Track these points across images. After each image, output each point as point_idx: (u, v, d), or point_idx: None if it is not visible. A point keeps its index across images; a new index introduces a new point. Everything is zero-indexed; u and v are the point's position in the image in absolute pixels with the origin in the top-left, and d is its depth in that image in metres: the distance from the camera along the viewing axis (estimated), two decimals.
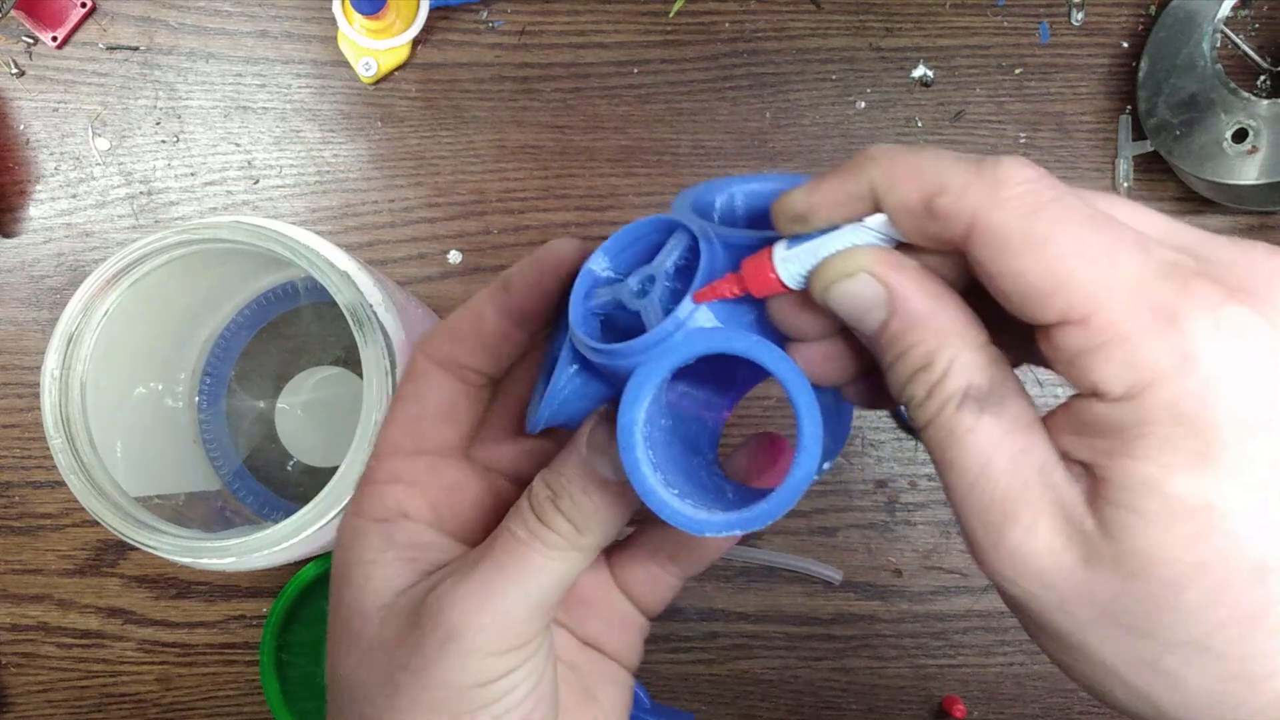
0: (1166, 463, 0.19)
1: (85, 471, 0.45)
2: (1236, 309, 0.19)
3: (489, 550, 0.25)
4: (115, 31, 0.60)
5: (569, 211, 0.59)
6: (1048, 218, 0.20)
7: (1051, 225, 0.20)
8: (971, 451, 0.22)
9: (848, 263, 0.23)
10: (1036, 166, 0.21)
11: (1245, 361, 0.19)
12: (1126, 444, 0.20)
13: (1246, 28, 0.58)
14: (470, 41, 0.60)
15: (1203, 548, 0.19)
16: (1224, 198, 0.55)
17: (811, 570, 0.58)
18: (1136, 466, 0.19)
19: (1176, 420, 0.19)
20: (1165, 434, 0.19)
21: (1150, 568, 0.19)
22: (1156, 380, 0.19)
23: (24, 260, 0.60)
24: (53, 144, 0.61)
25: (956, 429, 0.22)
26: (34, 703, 0.60)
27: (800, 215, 0.23)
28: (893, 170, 0.22)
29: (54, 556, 0.60)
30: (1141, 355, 0.19)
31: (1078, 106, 0.59)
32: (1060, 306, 0.20)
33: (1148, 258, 0.20)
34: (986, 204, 0.21)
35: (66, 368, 0.45)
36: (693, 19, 0.60)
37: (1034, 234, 0.20)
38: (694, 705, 0.59)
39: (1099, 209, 0.21)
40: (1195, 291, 0.19)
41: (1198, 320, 0.19)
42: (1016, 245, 0.20)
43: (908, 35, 0.59)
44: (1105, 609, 0.20)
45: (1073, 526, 0.20)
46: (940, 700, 0.58)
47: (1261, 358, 0.19)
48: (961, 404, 0.22)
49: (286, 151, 0.60)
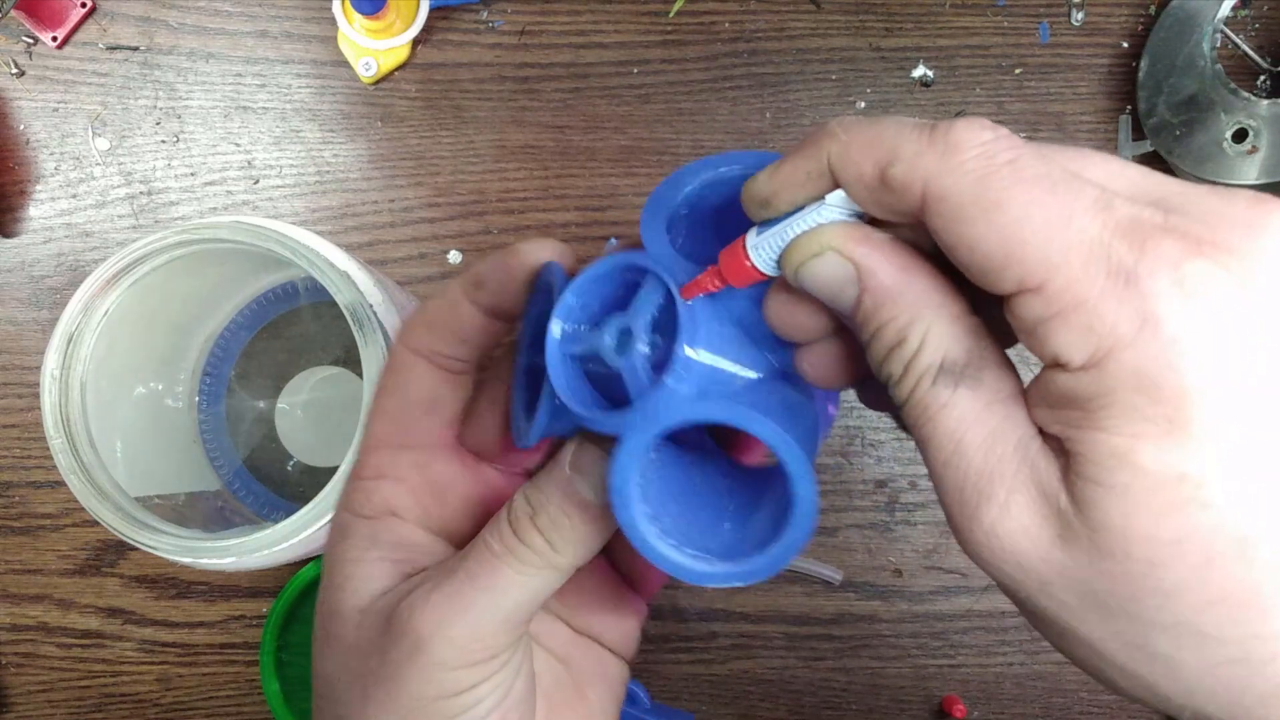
0: (1135, 433, 0.18)
1: (85, 471, 0.45)
2: (1201, 264, 0.18)
3: (463, 561, 0.25)
4: (115, 31, 0.60)
5: (569, 211, 0.59)
6: (1001, 182, 0.19)
7: (1004, 189, 0.19)
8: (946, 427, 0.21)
9: (813, 242, 0.22)
10: (996, 127, 0.20)
11: (1210, 320, 0.18)
12: (1092, 415, 0.19)
13: (1246, 28, 0.58)
14: (470, 41, 0.60)
15: (1179, 522, 0.18)
16: None
17: (811, 570, 0.58)
18: (1104, 438, 0.18)
19: (1141, 387, 0.18)
20: (1131, 402, 0.18)
21: (1126, 546, 0.18)
22: (1117, 346, 0.18)
23: (24, 260, 0.60)
24: (53, 144, 0.61)
25: (931, 404, 0.21)
26: (34, 703, 0.60)
27: (765, 200, 0.23)
28: (848, 143, 0.21)
29: (54, 556, 0.60)
30: (1100, 320, 0.18)
31: (1078, 106, 0.59)
32: (1016, 274, 0.19)
33: (1107, 217, 0.19)
34: (938, 171, 0.20)
35: (66, 368, 0.45)
36: (693, 19, 0.60)
37: (986, 199, 0.19)
38: (694, 705, 0.59)
39: (1063, 166, 0.20)
40: (1156, 249, 0.18)
41: (1157, 279, 0.18)
42: (969, 212, 0.19)
43: (908, 35, 0.59)
44: (1086, 590, 0.19)
45: (1049, 504, 0.20)
46: (940, 700, 0.58)
47: (1228, 315, 0.18)
48: (937, 378, 0.21)
49: (286, 151, 0.60)
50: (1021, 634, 0.58)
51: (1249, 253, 0.18)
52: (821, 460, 0.58)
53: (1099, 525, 0.19)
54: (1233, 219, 0.19)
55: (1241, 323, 0.18)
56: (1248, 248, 0.18)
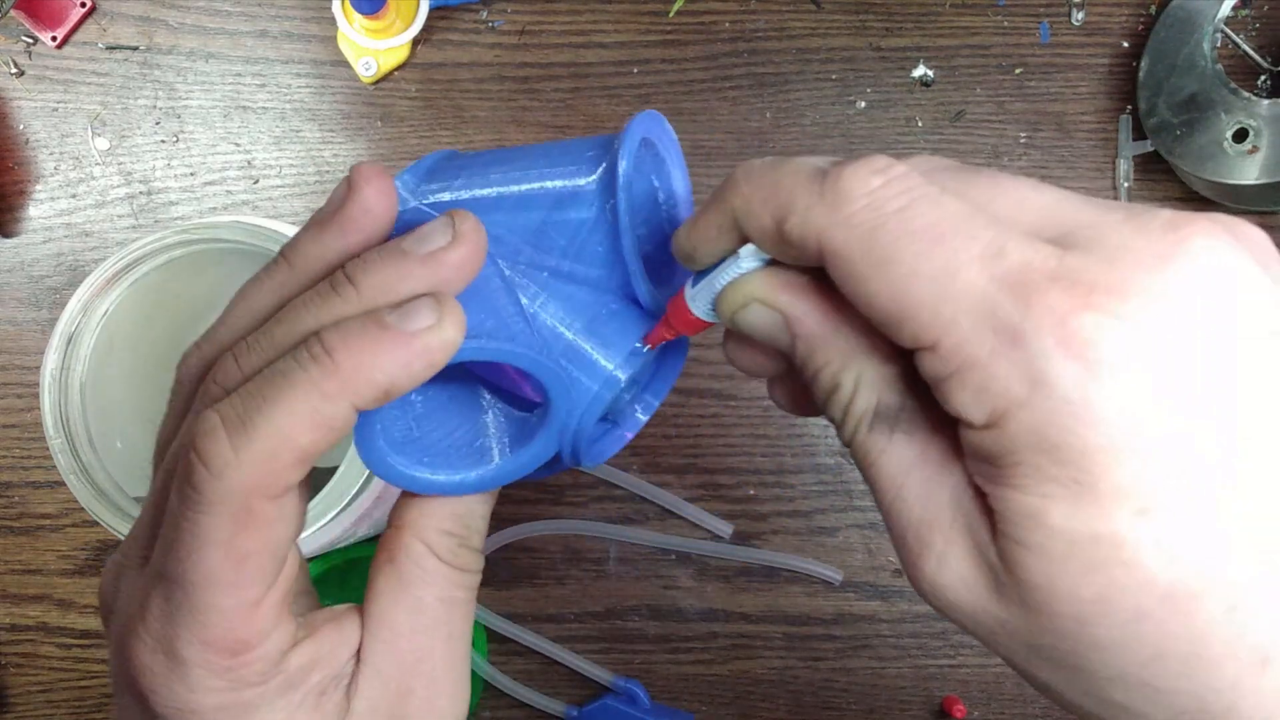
0: (1044, 493, 0.17)
1: (85, 472, 0.45)
2: (1089, 318, 0.17)
3: (443, 635, 0.25)
4: (115, 31, 0.60)
5: None
6: (888, 235, 0.18)
7: (892, 244, 0.18)
8: (886, 472, 0.21)
9: (738, 294, 0.22)
10: (889, 167, 0.19)
11: (1102, 378, 0.17)
12: (1004, 473, 0.18)
13: (1247, 27, 0.58)
14: (470, 41, 0.60)
15: (1099, 581, 0.17)
16: (1224, 197, 0.55)
17: (811, 570, 0.58)
18: (1017, 497, 0.18)
19: (1042, 449, 0.17)
20: (1035, 463, 0.17)
21: (1053, 604, 0.18)
22: (1012, 407, 0.17)
23: (23, 260, 0.60)
24: (52, 144, 0.60)
25: (871, 450, 0.21)
26: (34, 703, 0.60)
27: (688, 254, 0.23)
28: (748, 197, 0.21)
29: (53, 556, 0.60)
30: (992, 381, 0.17)
31: (1078, 106, 0.59)
32: (911, 331, 0.18)
33: (996, 267, 0.18)
34: (828, 225, 0.19)
35: (66, 368, 0.45)
36: (693, 19, 0.60)
37: (874, 255, 0.18)
38: (694, 705, 0.59)
39: (960, 207, 0.18)
40: (1042, 303, 0.17)
41: (1043, 338, 0.17)
42: (860, 269, 0.19)
43: (908, 35, 0.59)
44: (1030, 643, 0.19)
45: (983, 558, 0.19)
46: (940, 700, 0.58)
47: (1121, 370, 0.17)
48: (873, 425, 0.21)
49: (286, 151, 0.60)
50: None
51: (1150, 292, 0.17)
52: (821, 460, 0.58)
53: (1024, 583, 0.18)
54: (1138, 253, 0.17)
55: (1137, 376, 0.17)
56: (1149, 286, 0.17)
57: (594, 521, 0.58)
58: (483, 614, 0.58)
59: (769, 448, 0.59)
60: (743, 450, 0.59)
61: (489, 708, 0.59)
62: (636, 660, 0.59)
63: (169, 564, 0.21)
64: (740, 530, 0.58)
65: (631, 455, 0.58)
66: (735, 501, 0.58)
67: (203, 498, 0.20)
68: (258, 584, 0.21)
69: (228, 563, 0.21)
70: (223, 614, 0.21)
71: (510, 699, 0.58)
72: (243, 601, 0.21)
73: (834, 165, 0.19)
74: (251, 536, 0.21)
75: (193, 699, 0.21)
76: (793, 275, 0.21)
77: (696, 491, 0.58)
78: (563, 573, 0.59)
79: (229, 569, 0.21)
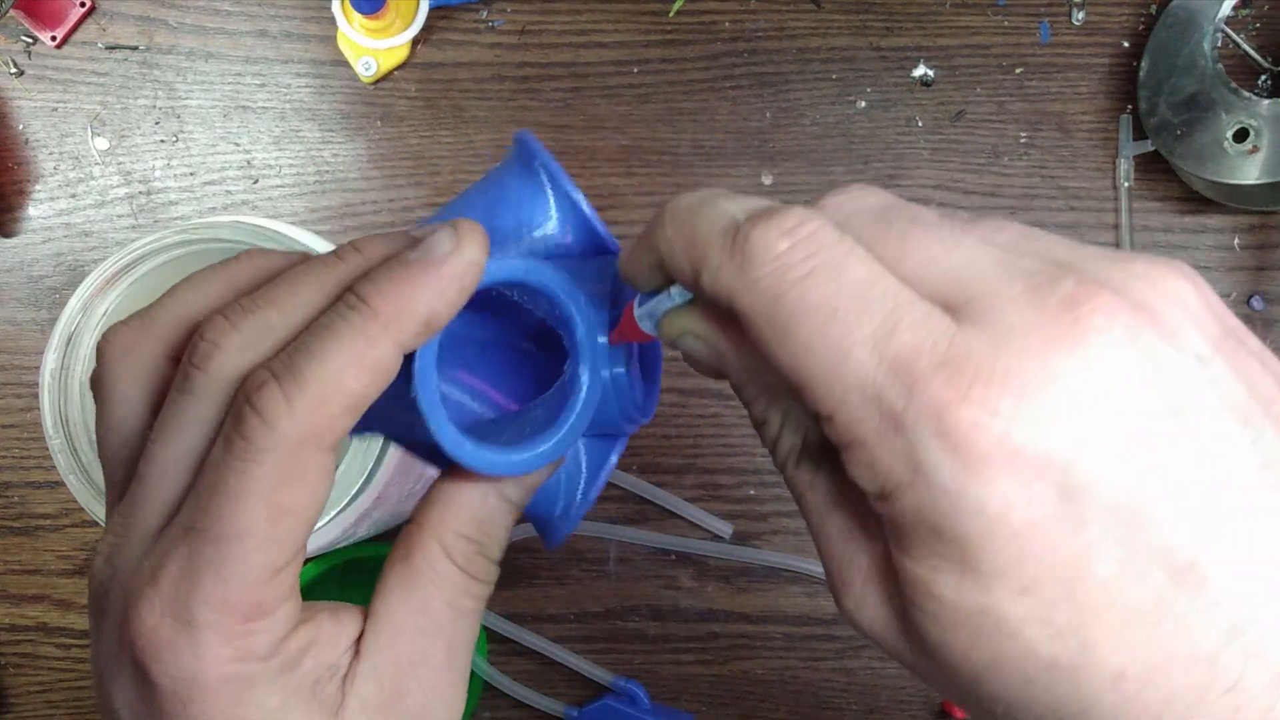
0: (933, 565, 0.18)
1: (84, 472, 0.45)
2: (967, 413, 0.17)
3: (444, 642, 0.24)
4: (114, 31, 0.60)
5: None
6: (788, 306, 0.18)
7: (791, 316, 0.18)
8: (810, 509, 0.22)
9: (674, 325, 0.23)
10: (798, 227, 0.19)
11: (978, 471, 0.17)
12: (898, 539, 0.19)
13: (1247, 27, 0.58)
14: (470, 41, 0.60)
15: (988, 648, 0.18)
16: (1225, 197, 0.55)
17: (811, 570, 0.58)
18: (909, 565, 0.19)
19: (927, 527, 0.18)
20: (922, 537, 0.18)
21: (949, 660, 0.19)
22: (897, 488, 0.18)
23: (23, 260, 0.60)
24: (52, 144, 0.60)
25: (798, 484, 0.22)
26: (33, 703, 0.60)
27: (629, 279, 0.23)
28: (671, 241, 0.21)
29: (53, 557, 0.60)
30: (877, 463, 0.18)
31: (1078, 106, 0.59)
32: (809, 400, 0.19)
33: (885, 348, 0.18)
34: (735, 286, 0.19)
35: (66, 368, 0.45)
36: (693, 19, 0.60)
37: (775, 324, 0.19)
38: (694, 705, 0.59)
39: (862, 274, 0.18)
40: (924, 393, 0.17)
41: (922, 430, 0.17)
42: (763, 333, 0.19)
43: (908, 35, 0.59)
44: (937, 680, 0.20)
45: (893, 606, 0.20)
46: (941, 700, 0.58)
47: (997, 463, 0.17)
48: (799, 462, 0.22)
49: (286, 151, 0.60)
50: None
51: (1032, 384, 0.17)
52: None
53: (922, 640, 0.19)
54: (1029, 336, 0.17)
55: (1013, 469, 0.17)
56: (1032, 377, 0.17)
57: (594, 521, 0.58)
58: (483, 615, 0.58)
59: None
60: (743, 450, 0.59)
61: (489, 708, 0.59)
62: (636, 660, 0.59)
63: (201, 518, 0.21)
64: (740, 530, 0.58)
65: (631, 455, 0.58)
66: (735, 501, 0.58)
67: (253, 446, 0.20)
68: (288, 545, 0.21)
69: (267, 516, 0.21)
70: (249, 572, 0.21)
71: (510, 699, 0.58)
72: (270, 562, 0.21)
73: (748, 219, 0.19)
74: (295, 490, 0.21)
75: (198, 667, 0.21)
76: (722, 311, 0.21)
77: (696, 491, 0.58)
78: (563, 573, 0.59)
79: (267, 523, 0.21)
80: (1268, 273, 0.58)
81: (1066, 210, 0.58)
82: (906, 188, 0.59)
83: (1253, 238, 0.58)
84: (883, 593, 0.20)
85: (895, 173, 0.59)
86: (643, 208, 0.59)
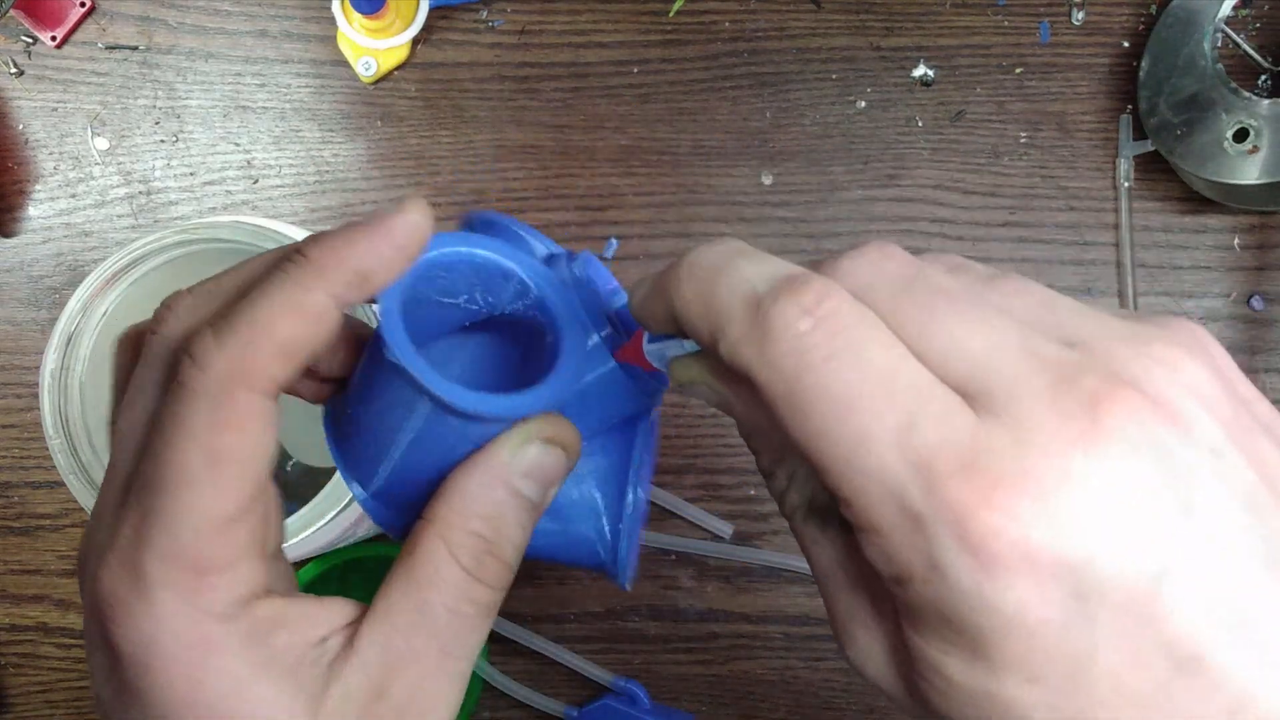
0: (944, 649, 0.19)
1: (84, 472, 0.45)
2: (986, 518, 0.17)
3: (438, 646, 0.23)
4: (114, 31, 0.60)
5: (569, 211, 0.59)
6: (808, 389, 0.18)
7: (812, 400, 0.18)
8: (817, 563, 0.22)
9: (685, 370, 0.23)
10: (820, 303, 0.19)
11: (995, 574, 0.17)
12: (910, 618, 0.19)
13: (1247, 27, 0.58)
14: (470, 41, 0.60)
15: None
16: (1225, 197, 0.55)
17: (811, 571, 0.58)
18: (919, 643, 0.19)
19: (940, 617, 0.18)
20: (934, 623, 0.19)
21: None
22: (913, 579, 0.18)
23: (23, 260, 0.60)
24: (52, 144, 0.60)
25: (804, 538, 0.22)
26: (33, 703, 0.60)
27: (639, 320, 0.23)
28: (687, 303, 0.21)
29: (53, 557, 0.60)
30: (894, 554, 0.18)
31: (1078, 106, 0.59)
32: (825, 480, 0.19)
33: (906, 446, 0.18)
34: (756, 361, 0.19)
35: (66, 368, 0.45)
36: (693, 18, 0.60)
37: (794, 403, 0.19)
38: (694, 706, 0.59)
39: (885, 359, 0.18)
40: (944, 495, 0.17)
41: (941, 532, 0.17)
42: (781, 410, 0.19)
43: (908, 34, 0.59)
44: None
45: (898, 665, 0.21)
46: None
47: (1015, 567, 0.17)
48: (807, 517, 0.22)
49: (286, 151, 0.60)
50: None
51: (1053, 486, 0.17)
52: None
53: (927, 705, 0.20)
54: (1050, 436, 0.17)
55: (1031, 572, 0.17)
56: (1054, 479, 0.17)
57: None
58: None
59: None
60: (743, 450, 0.59)
61: (489, 708, 0.59)
62: (636, 660, 0.59)
63: (146, 466, 0.21)
64: (740, 530, 0.58)
65: None
66: (735, 501, 0.58)
67: (186, 389, 0.21)
68: (232, 495, 0.21)
69: (205, 461, 0.21)
70: (193, 520, 0.21)
71: (510, 699, 0.58)
72: (213, 510, 0.21)
73: (769, 292, 0.19)
74: (230, 434, 0.21)
75: (155, 628, 0.21)
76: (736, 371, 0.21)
77: (696, 492, 0.58)
78: (563, 573, 0.59)
79: (205, 468, 0.21)
80: (1268, 273, 0.58)
81: (1066, 210, 0.58)
82: (906, 187, 0.59)
83: (1253, 238, 0.58)
84: (889, 654, 0.21)
85: (895, 172, 0.59)
86: (643, 208, 0.59)
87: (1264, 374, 0.58)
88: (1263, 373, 0.58)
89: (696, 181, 0.59)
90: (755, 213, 0.59)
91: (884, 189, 0.59)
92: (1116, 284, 0.58)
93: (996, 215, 0.59)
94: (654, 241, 0.59)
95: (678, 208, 0.59)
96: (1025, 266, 0.58)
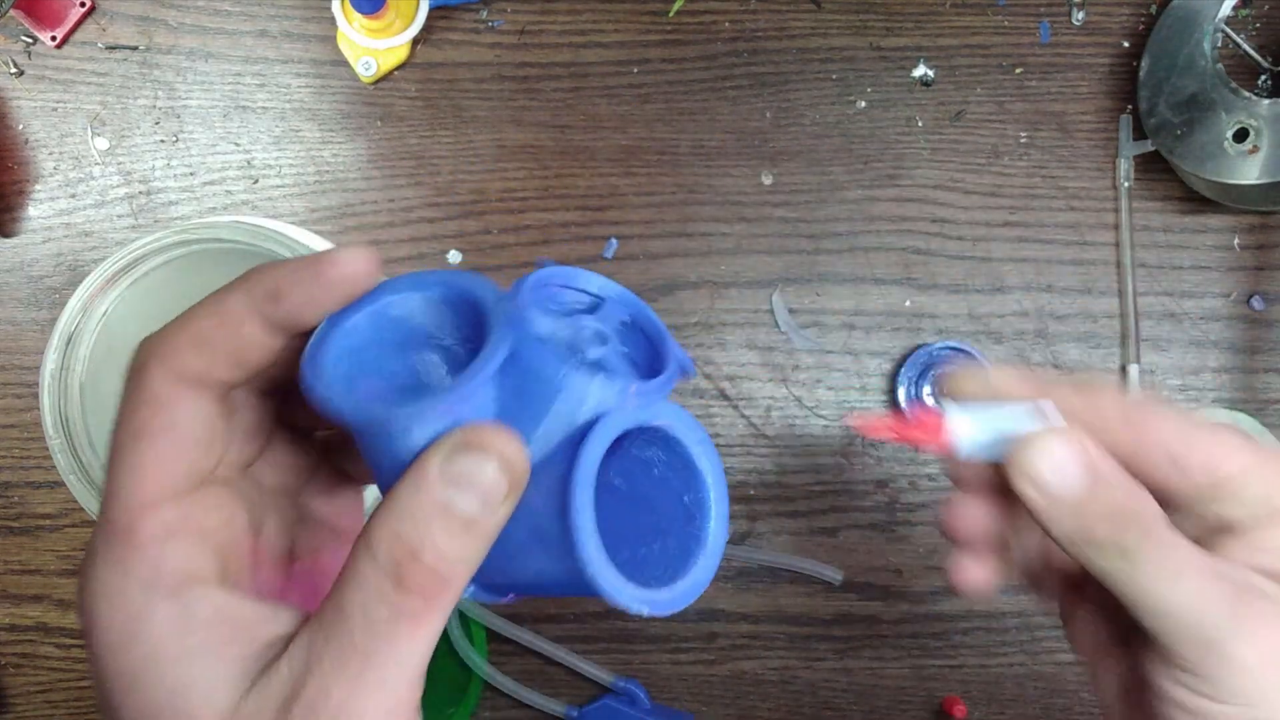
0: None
1: (84, 472, 0.45)
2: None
3: (345, 648, 0.21)
4: (114, 31, 0.60)
5: (569, 211, 0.59)
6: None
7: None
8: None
9: (1046, 442, 0.26)
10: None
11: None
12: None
13: (1247, 27, 0.58)
14: (470, 41, 0.60)
15: None
16: (1225, 197, 0.55)
17: (812, 570, 0.58)
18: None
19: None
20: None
21: None
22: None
23: (23, 260, 0.60)
24: (52, 144, 0.60)
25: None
26: (33, 703, 0.60)
27: (964, 396, 0.27)
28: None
29: (53, 557, 0.60)
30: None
31: (1078, 106, 0.59)
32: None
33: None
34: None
35: (66, 368, 0.45)
36: (693, 19, 0.60)
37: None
38: (694, 705, 0.59)
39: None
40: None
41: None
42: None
43: (908, 34, 0.59)
44: None
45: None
46: (941, 700, 0.58)
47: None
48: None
49: (286, 151, 0.60)
50: (1022, 634, 0.58)
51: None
52: (822, 460, 0.58)
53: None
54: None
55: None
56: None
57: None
58: (483, 614, 0.58)
59: (769, 448, 0.59)
60: (743, 450, 0.59)
61: (489, 708, 0.59)
62: (636, 660, 0.59)
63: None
64: (740, 530, 0.58)
65: None
66: (735, 501, 0.58)
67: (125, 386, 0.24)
68: (150, 470, 0.23)
69: (128, 437, 0.23)
70: (120, 492, 0.23)
71: (510, 699, 0.58)
72: (135, 485, 0.23)
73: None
74: (147, 411, 0.23)
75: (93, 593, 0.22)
76: (1098, 443, 0.27)
77: None
78: None
79: (128, 442, 0.23)
80: (1268, 273, 0.58)
81: (1066, 210, 0.58)
82: (906, 187, 0.59)
83: (1253, 238, 0.58)
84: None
85: (895, 172, 0.59)
86: (643, 208, 0.59)
87: (1264, 374, 0.58)
88: (1263, 373, 0.58)
89: (696, 181, 0.59)
90: (755, 213, 0.59)
91: (884, 189, 0.59)
92: (1116, 284, 0.58)
93: (996, 215, 0.59)
94: (654, 241, 0.59)
95: (678, 208, 0.59)
96: (1025, 266, 0.58)
